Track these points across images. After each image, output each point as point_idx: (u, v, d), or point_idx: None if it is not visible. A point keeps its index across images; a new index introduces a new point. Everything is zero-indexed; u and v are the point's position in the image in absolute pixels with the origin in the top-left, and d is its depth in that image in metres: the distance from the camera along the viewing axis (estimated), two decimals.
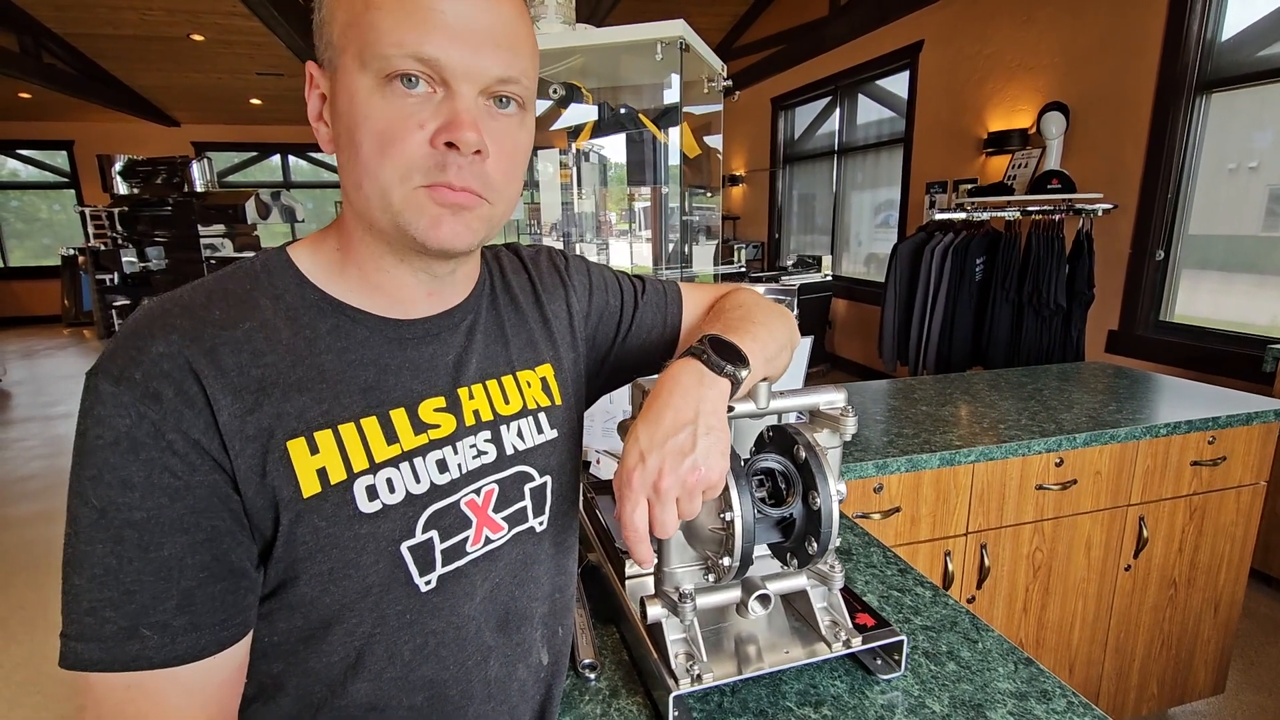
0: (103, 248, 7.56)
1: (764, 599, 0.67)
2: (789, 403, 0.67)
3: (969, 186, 3.93)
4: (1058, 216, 3.12)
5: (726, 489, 0.59)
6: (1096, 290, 3.16)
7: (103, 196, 6.92)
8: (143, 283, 5.58)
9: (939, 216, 3.58)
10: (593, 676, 0.75)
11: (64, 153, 8.83)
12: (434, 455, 0.55)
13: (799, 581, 0.73)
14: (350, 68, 0.47)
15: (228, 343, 0.47)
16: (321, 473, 0.49)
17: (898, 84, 4.99)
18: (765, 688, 0.72)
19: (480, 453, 0.58)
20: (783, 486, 0.66)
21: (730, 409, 0.62)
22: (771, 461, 0.67)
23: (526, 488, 0.61)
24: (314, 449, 0.49)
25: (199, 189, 5.49)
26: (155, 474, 0.44)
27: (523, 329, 0.65)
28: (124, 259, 5.53)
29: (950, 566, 1.47)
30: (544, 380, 0.65)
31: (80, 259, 8.19)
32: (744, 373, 0.58)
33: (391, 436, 0.53)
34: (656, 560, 0.65)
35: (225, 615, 0.47)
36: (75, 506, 0.44)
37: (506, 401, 0.61)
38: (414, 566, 0.53)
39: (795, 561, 0.66)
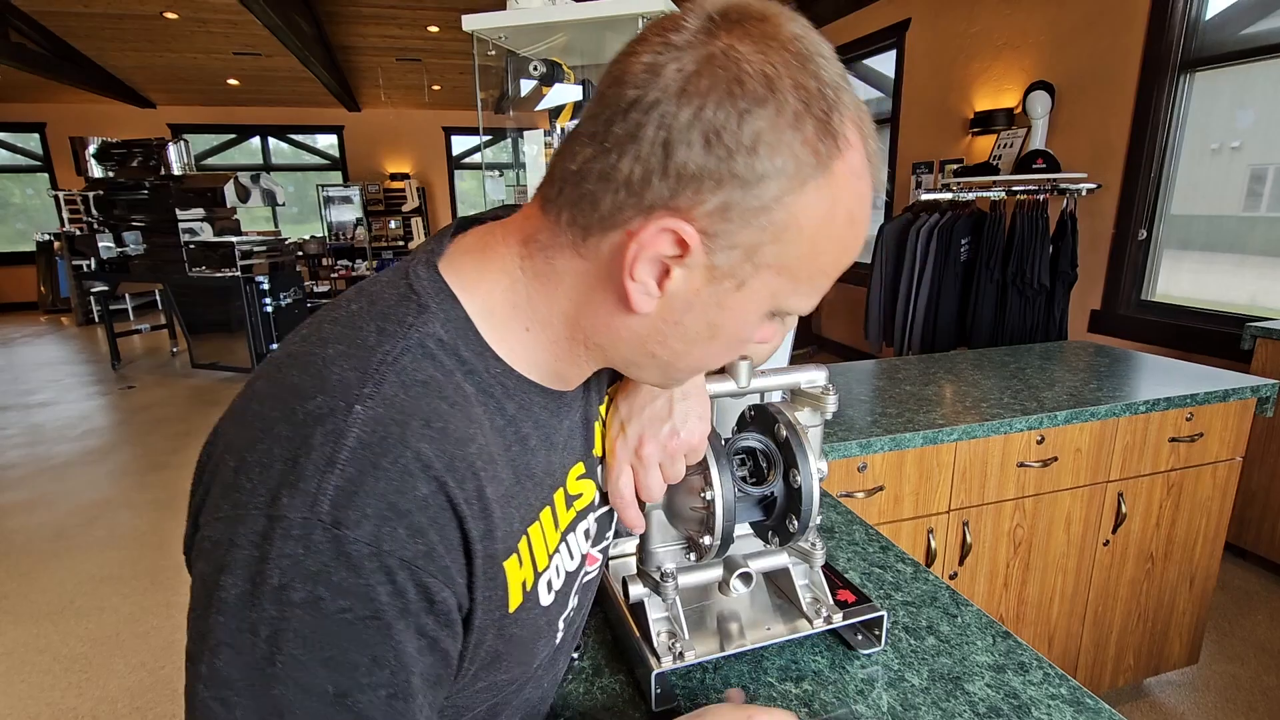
0: (78, 232, 7.42)
1: (745, 577, 0.67)
2: (770, 381, 0.67)
3: (955, 166, 3.93)
4: (1042, 196, 3.13)
5: (707, 468, 0.59)
6: (1080, 270, 3.19)
7: (77, 180, 6.76)
8: (120, 268, 5.45)
9: (925, 197, 3.58)
10: (576, 656, 0.75)
11: (36, 135, 8.61)
12: (582, 525, 0.53)
13: (780, 559, 0.73)
14: (758, 294, 0.43)
15: (470, 462, 0.39)
16: (522, 584, 0.45)
17: (884, 63, 4.96)
18: (747, 664, 0.73)
19: (590, 498, 0.57)
20: (764, 465, 0.66)
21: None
22: (752, 440, 0.67)
23: (612, 518, 0.61)
24: (520, 561, 0.44)
25: (176, 172, 5.36)
26: (414, 644, 0.36)
27: None
28: (101, 244, 5.40)
29: (933, 544, 1.49)
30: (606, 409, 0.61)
31: (56, 244, 8.03)
32: None
33: (556, 521, 0.49)
34: (645, 525, 0.65)
35: None
36: (286, 693, 0.33)
37: (598, 443, 0.58)
38: (561, 630, 0.53)
39: (776, 539, 0.66)
